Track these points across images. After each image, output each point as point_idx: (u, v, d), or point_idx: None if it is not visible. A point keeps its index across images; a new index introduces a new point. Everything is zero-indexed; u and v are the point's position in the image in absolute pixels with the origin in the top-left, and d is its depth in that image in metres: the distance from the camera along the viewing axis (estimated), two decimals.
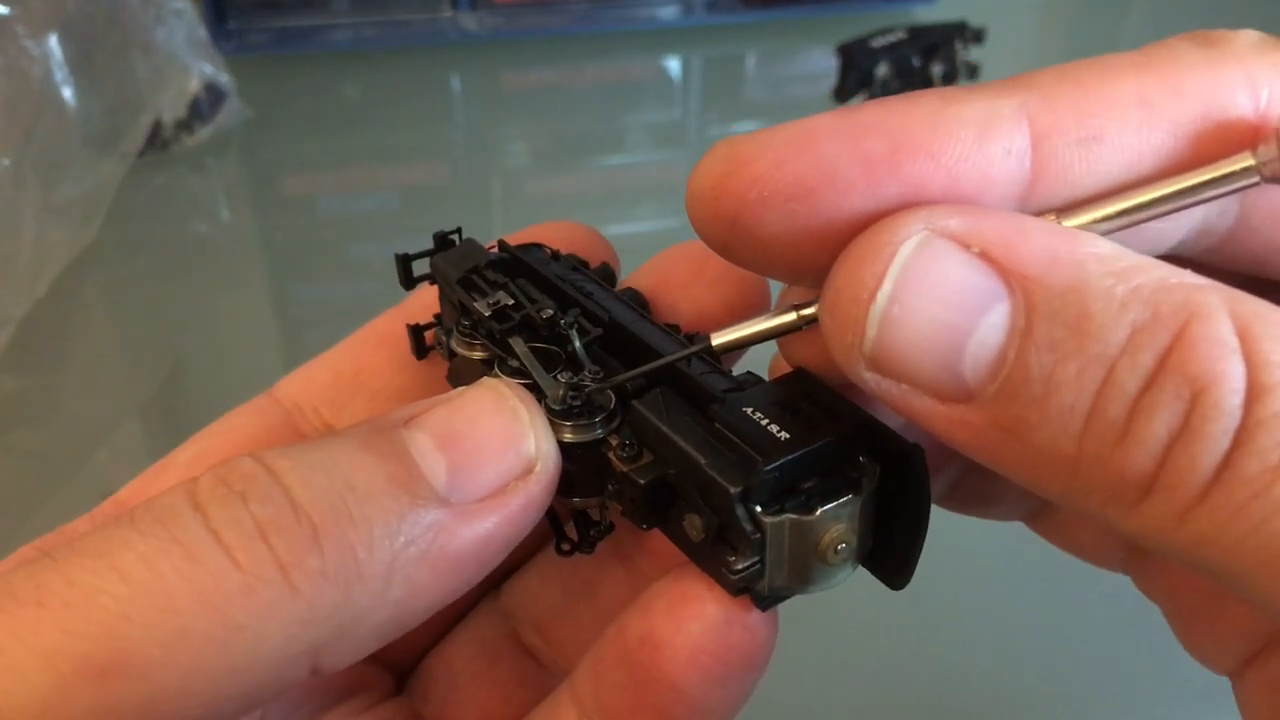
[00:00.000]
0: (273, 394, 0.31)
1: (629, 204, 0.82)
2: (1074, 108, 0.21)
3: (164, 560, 0.20)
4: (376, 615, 0.21)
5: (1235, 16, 0.28)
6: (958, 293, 0.19)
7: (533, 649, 0.32)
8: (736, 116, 0.90)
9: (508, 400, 0.24)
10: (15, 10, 0.63)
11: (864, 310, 0.20)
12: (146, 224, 0.75)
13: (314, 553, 0.21)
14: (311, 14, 0.89)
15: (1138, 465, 0.18)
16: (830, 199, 0.21)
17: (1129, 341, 0.18)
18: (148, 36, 0.73)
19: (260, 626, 0.20)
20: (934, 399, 0.20)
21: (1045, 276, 0.19)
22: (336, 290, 0.72)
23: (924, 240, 0.20)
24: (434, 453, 0.23)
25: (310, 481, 0.21)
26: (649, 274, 0.31)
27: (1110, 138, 0.21)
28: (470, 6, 0.91)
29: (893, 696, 0.48)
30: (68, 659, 0.19)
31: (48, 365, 0.64)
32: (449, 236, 0.31)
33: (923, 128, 0.20)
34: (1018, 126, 0.21)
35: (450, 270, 0.30)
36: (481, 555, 0.23)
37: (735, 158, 0.21)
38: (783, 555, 0.23)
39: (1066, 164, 0.21)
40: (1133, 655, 0.49)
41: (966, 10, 0.89)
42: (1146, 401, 0.18)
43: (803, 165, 0.21)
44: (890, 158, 0.20)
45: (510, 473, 0.23)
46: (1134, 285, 0.18)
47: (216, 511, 0.21)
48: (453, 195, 0.82)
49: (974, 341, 0.19)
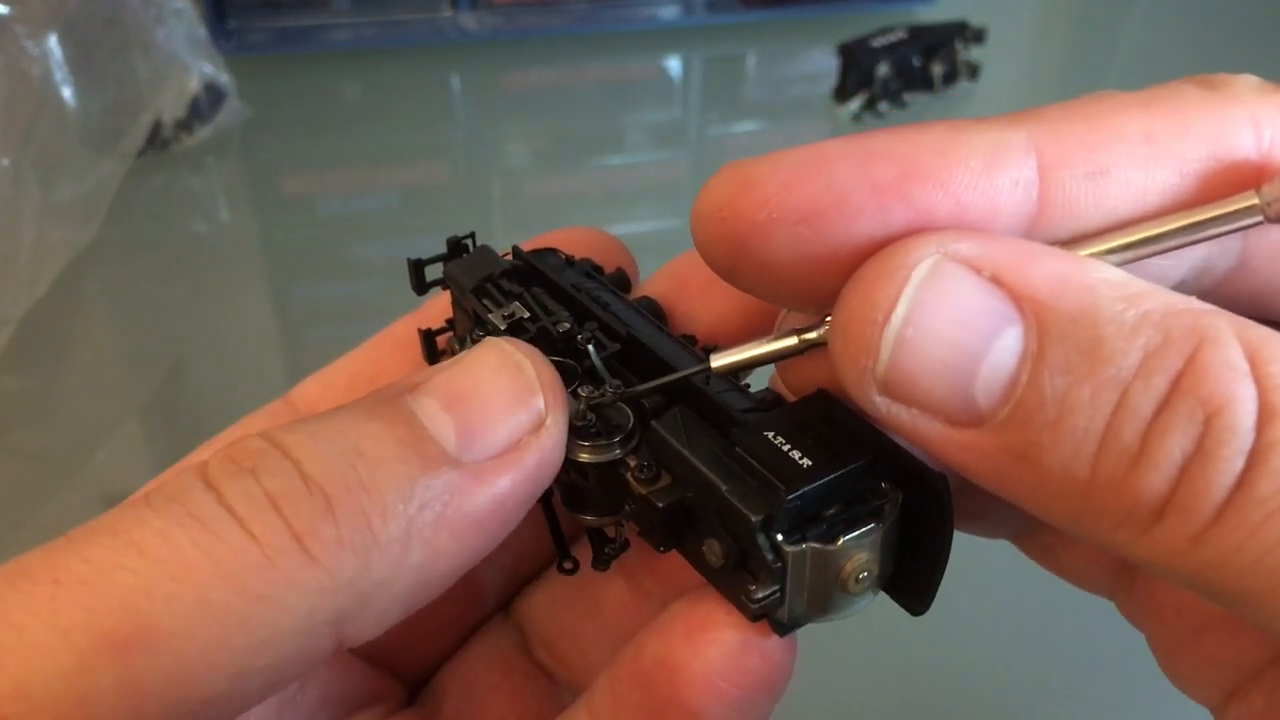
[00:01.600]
0: (289, 399, 0.31)
1: (629, 204, 0.82)
2: (1081, 142, 0.21)
3: (181, 534, 0.20)
4: (399, 582, 0.21)
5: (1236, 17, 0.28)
6: (971, 316, 0.19)
7: (543, 664, 0.32)
8: (736, 116, 0.90)
9: (512, 356, 0.24)
10: (15, 10, 0.63)
11: (878, 332, 0.20)
12: (146, 224, 0.75)
13: (328, 521, 0.21)
14: (311, 14, 0.89)
15: (1152, 488, 0.18)
16: (839, 223, 0.21)
17: (1141, 365, 0.18)
18: (148, 36, 0.73)
19: (281, 597, 0.20)
20: (945, 424, 0.20)
21: (1057, 300, 0.19)
22: (336, 290, 0.72)
23: (937, 264, 0.20)
24: (441, 414, 0.23)
25: (318, 452, 0.21)
26: (664, 280, 0.31)
27: (1116, 173, 0.21)
28: (470, 6, 0.91)
29: (893, 696, 0.48)
30: (88, 635, 0.19)
31: (48, 365, 0.64)
32: (462, 241, 0.31)
33: (932, 156, 0.21)
34: (1026, 158, 0.21)
35: (464, 278, 0.30)
36: (500, 514, 0.23)
37: (744, 179, 0.21)
38: (803, 584, 0.23)
39: (1072, 197, 0.21)
40: (1134, 655, 0.49)
41: (966, 10, 0.89)
42: (1160, 424, 0.18)
43: (812, 188, 0.21)
44: (899, 184, 0.20)
45: (521, 428, 0.23)
46: (1144, 310, 0.19)
47: (228, 486, 0.21)
48: (453, 195, 0.82)
49: (986, 365, 0.19)
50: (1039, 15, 1.10)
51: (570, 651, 0.31)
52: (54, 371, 0.64)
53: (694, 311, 0.30)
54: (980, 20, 0.88)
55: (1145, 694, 0.49)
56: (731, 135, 0.88)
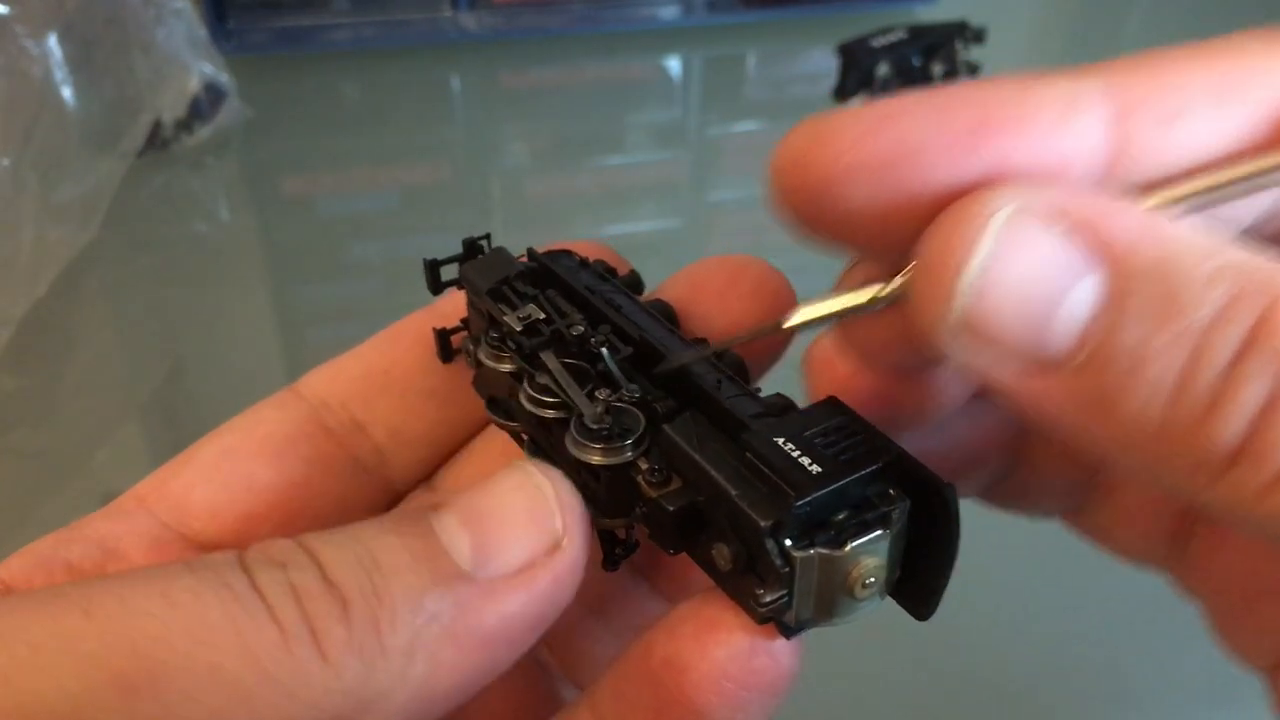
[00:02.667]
0: (296, 389, 0.31)
1: (629, 204, 0.82)
2: (1151, 90, 0.21)
3: (212, 598, 0.21)
4: (399, 693, 0.21)
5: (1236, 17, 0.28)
6: (1048, 265, 0.20)
7: (543, 661, 0.32)
8: (737, 116, 0.90)
9: (533, 477, 0.24)
10: (15, 10, 0.63)
11: (956, 276, 0.20)
12: (146, 224, 0.75)
13: (342, 623, 0.21)
14: (311, 14, 0.89)
15: (1225, 436, 0.18)
16: (916, 171, 0.21)
17: (1218, 316, 0.19)
18: (148, 36, 0.73)
19: (290, 685, 0.20)
20: (1020, 369, 0.20)
21: (1134, 252, 0.19)
22: (336, 290, 0.72)
23: (1016, 213, 0.20)
24: (458, 530, 0.23)
25: (340, 558, 0.22)
26: (679, 285, 0.31)
27: (1188, 117, 0.21)
28: (470, 6, 0.91)
29: (893, 697, 0.48)
30: (101, 668, 0.19)
31: (48, 365, 0.64)
32: (478, 242, 0.31)
33: (1007, 105, 0.21)
34: (1099, 106, 0.21)
35: (480, 280, 0.30)
36: (510, 634, 0.23)
37: (822, 132, 0.21)
38: (811, 588, 0.23)
39: (1145, 144, 0.21)
40: (1134, 657, 0.49)
41: (967, 10, 0.89)
42: (1235, 373, 0.18)
43: (888, 139, 0.21)
44: (974, 134, 0.21)
45: (537, 549, 0.23)
46: (1220, 264, 0.19)
47: (259, 572, 0.21)
48: (453, 195, 0.82)
49: (1063, 312, 0.20)
50: (1039, 15, 1.10)
51: (572, 647, 0.31)
52: (54, 371, 0.64)
53: (708, 318, 0.30)
54: (980, 20, 0.88)
55: (1146, 695, 0.49)
56: (731, 135, 0.88)
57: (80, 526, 0.27)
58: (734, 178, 0.83)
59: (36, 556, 0.26)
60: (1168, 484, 0.20)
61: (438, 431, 0.32)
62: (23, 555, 0.26)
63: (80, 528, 0.27)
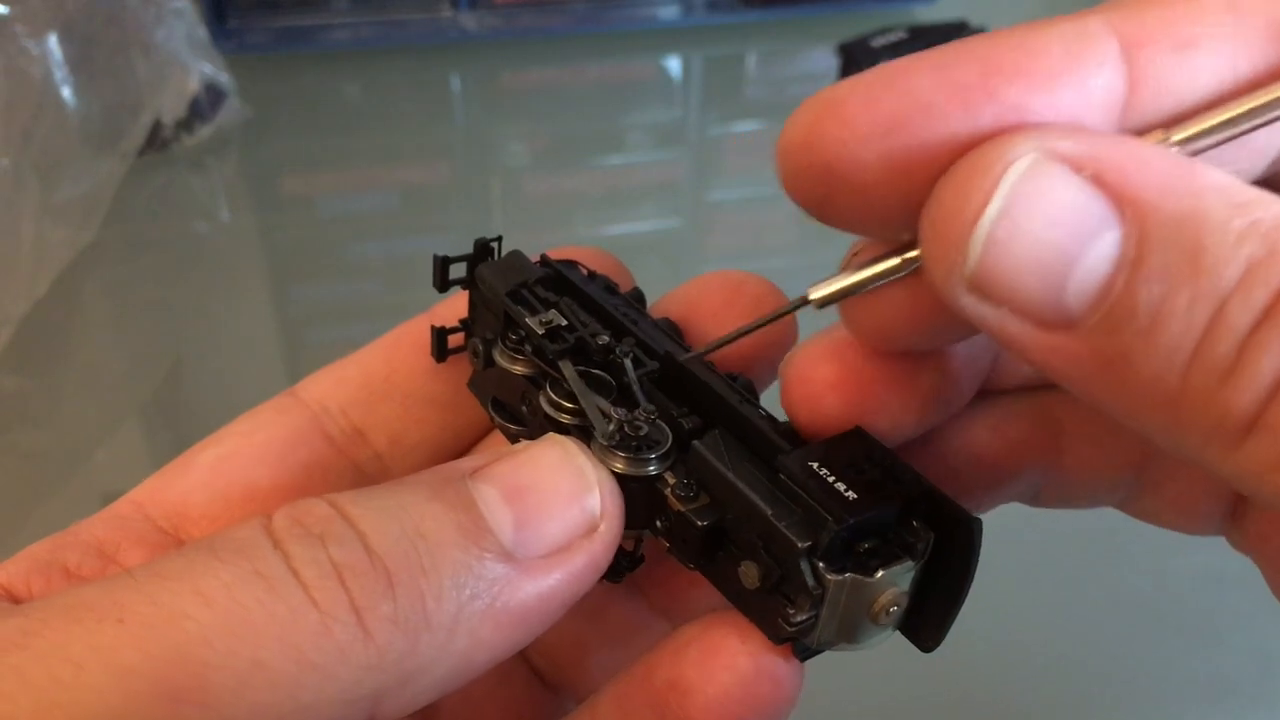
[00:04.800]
0: (295, 393, 0.31)
1: (629, 204, 0.82)
2: (1162, 18, 0.20)
3: (246, 590, 0.20)
4: (439, 667, 0.22)
5: None
6: (1068, 216, 0.19)
7: (541, 672, 0.32)
8: (737, 116, 0.90)
9: (575, 458, 0.24)
10: (15, 10, 0.63)
11: (969, 228, 0.19)
12: (146, 224, 0.75)
13: (388, 598, 0.21)
14: (311, 14, 0.89)
15: (1243, 403, 0.18)
16: (927, 128, 0.20)
17: (1244, 277, 0.18)
18: (148, 36, 0.73)
19: (331, 667, 0.20)
20: (1034, 325, 0.19)
21: (1161, 205, 0.18)
22: (336, 290, 0.72)
23: (1035, 161, 0.19)
24: (501, 506, 0.23)
25: (383, 528, 0.22)
26: (679, 300, 0.31)
27: (1205, 43, 0.20)
28: (470, 6, 0.91)
29: (893, 697, 0.48)
30: (145, 680, 0.19)
31: (48, 365, 0.64)
32: (490, 243, 0.31)
33: (1011, 52, 0.20)
34: (1108, 40, 0.20)
35: (498, 282, 0.29)
36: (543, 611, 0.23)
37: (825, 103, 0.21)
38: (837, 612, 0.23)
39: (1163, 74, 0.20)
40: (1136, 657, 0.49)
41: (966, 10, 0.89)
42: (1256, 339, 0.18)
43: (895, 99, 0.20)
44: (984, 82, 0.20)
45: (576, 530, 0.23)
46: (1252, 219, 0.18)
47: (296, 550, 0.21)
48: (453, 195, 0.82)
49: (1081, 267, 0.19)
50: (1039, 15, 1.10)
51: (570, 659, 0.31)
52: (54, 371, 0.64)
53: (705, 334, 0.30)
54: (980, 20, 0.88)
55: (1149, 694, 0.49)
56: (731, 135, 0.88)
57: (77, 530, 0.27)
58: (734, 178, 0.83)
59: (34, 560, 0.26)
60: (1185, 452, 0.19)
61: (439, 438, 0.31)
62: (19, 559, 0.26)
63: (77, 532, 0.27)
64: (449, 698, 0.31)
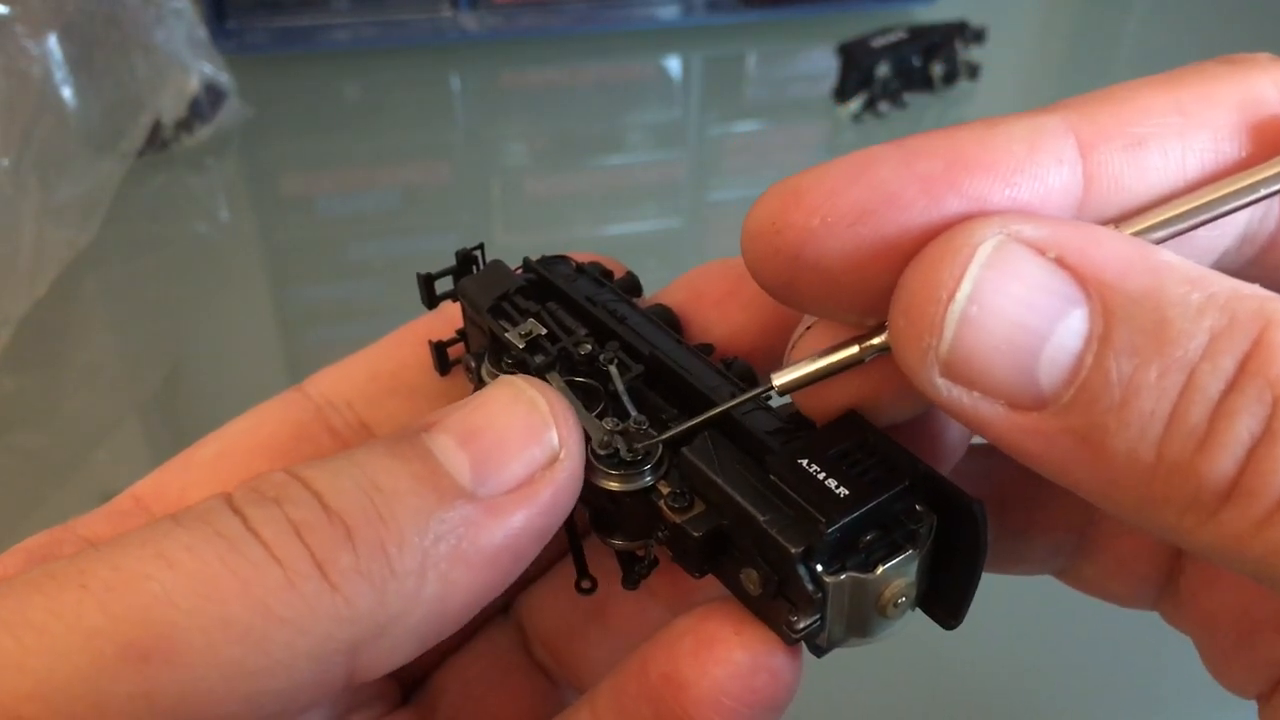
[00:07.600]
0: (303, 389, 0.31)
1: (629, 204, 0.82)
2: (1115, 118, 0.21)
3: (209, 550, 0.20)
4: (413, 615, 0.22)
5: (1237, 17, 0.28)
6: (1036, 296, 0.19)
7: (542, 664, 0.32)
8: (736, 116, 0.90)
9: (525, 392, 0.24)
10: (15, 10, 0.63)
11: (941, 311, 0.20)
12: (146, 224, 0.75)
13: (347, 550, 0.21)
14: (311, 14, 0.89)
15: (1219, 471, 0.18)
16: (892, 219, 0.21)
17: (1209, 346, 0.18)
18: (148, 36, 0.73)
19: (300, 621, 0.20)
20: (1007, 407, 0.20)
21: (1122, 282, 0.19)
22: (336, 290, 0.72)
23: (1001, 243, 0.20)
24: (456, 450, 0.23)
25: (338, 486, 0.22)
26: (681, 289, 0.31)
27: (1154, 143, 0.21)
28: (470, 6, 0.91)
29: (893, 697, 0.48)
30: (110, 641, 0.19)
31: (48, 365, 0.64)
32: (471, 254, 0.31)
33: (974, 145, 0.21)
34: (1065, 137, 0.21)
35: (479, 297, 0.29)
36: (515, 549, 0.23)
37: (792, 191, 0.21)
38: (843, 611, 0.23)
39: (1116, 171, 0.21)
40: (1137, 657, 0.49)
41: (966, 10, 0.89)
42: (1228, 405, 0.18)
43: (861, 190, 0.21)
44: (947, 174, 0.21)
45: (535, 463, 0.23)
46: (1209, 293, 0.19)
47: (253, 512, 0.21)
48: (453, 195, 0.82)
49: (1051, 346, 0.19)
50: (1039, 15, 1.10)
51: (571, 651, 0.31)
52: (54, 371, 0.64)
53: (710, 322, 0.30)
54: (980, 20, 0.88)
55: (1150, 695, 0.49)
56: (731, 135, 0.88)
57: (75, 526, 0.27)
58: (734, 177, 0.83)
59: (29, 554, 0.26)
60: (1157, 526, 0.19)
61: None
62: (15, 552, 0.26)
63: (75, 527, 0.27)
64: (451, 689, 0.31)
